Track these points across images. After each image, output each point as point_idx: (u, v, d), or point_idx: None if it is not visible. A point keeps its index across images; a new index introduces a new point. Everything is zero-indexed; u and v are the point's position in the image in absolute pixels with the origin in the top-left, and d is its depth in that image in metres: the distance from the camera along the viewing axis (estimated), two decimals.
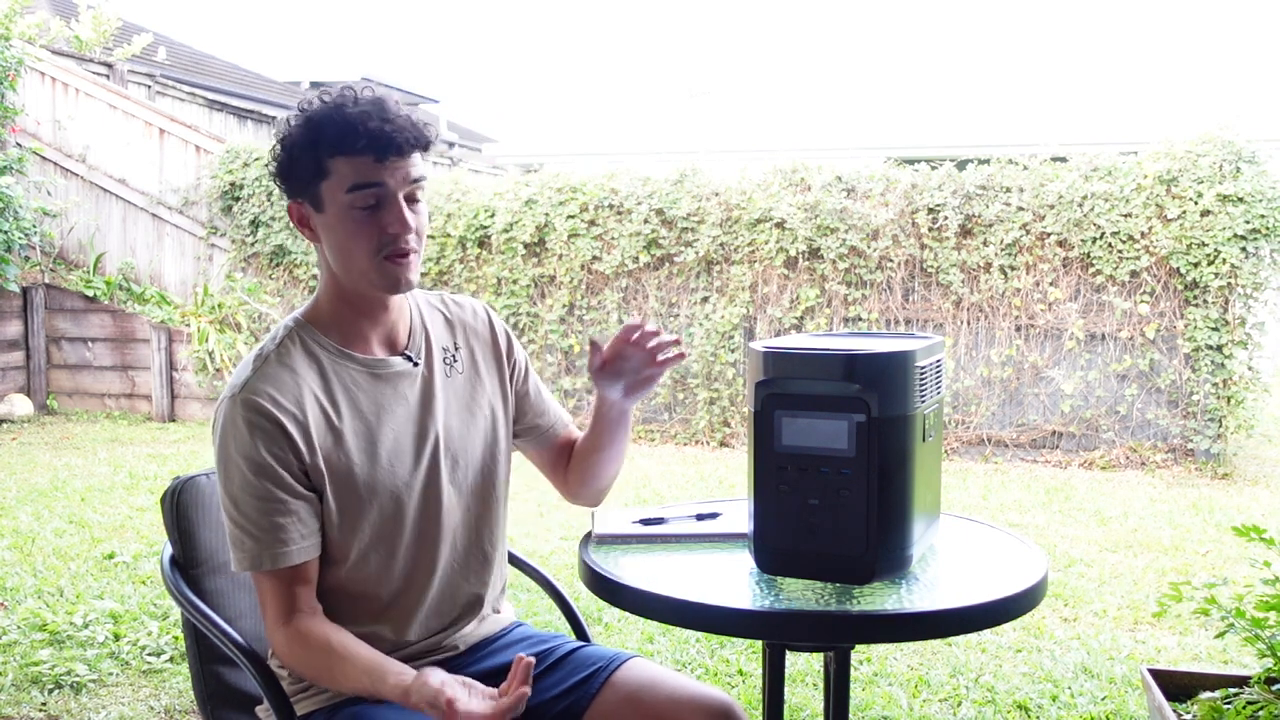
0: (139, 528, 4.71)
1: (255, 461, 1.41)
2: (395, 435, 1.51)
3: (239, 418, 1.42)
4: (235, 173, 8.28)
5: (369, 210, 1.42)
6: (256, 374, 1.44)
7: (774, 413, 1.42)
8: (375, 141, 1.39)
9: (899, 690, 2.98)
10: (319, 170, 1.42)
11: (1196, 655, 3.28)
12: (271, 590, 1.43)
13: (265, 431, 1.41)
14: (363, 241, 1.43)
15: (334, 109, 1.42)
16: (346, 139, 1.40)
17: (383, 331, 1.54)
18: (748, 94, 16.29)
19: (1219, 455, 6.27)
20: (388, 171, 1.41)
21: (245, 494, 1.41)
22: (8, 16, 8.05)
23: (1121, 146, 7.15)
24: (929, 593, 1.41)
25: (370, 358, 1.52)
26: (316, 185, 1.43)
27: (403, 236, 1.43)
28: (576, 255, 7.39)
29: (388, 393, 1.52)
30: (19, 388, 8.12)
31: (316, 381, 1.47)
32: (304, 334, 1.50)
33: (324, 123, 1.41)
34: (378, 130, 1.39)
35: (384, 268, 1.44)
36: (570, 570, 4.02)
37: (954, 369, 6.77)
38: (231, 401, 1.43)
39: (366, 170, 1.40)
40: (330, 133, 1.40)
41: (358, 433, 1.48)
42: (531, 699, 1.56)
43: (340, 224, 1.43)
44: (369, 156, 1.40)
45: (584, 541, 1.68)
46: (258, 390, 1.42)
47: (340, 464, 1.46)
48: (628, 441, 1.70)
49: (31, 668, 3.06)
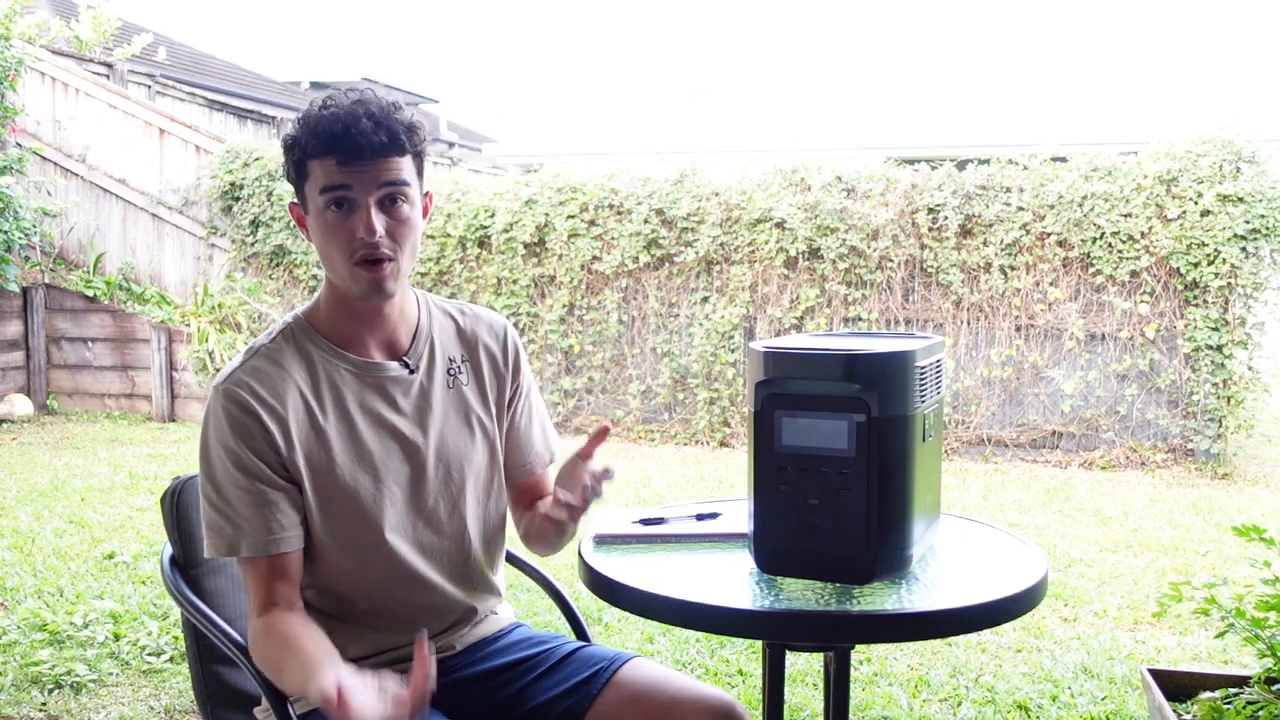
0: (139, 528, 4.71)
1: (232, 451, 1.42)
2: (380, 440, 1.50)
3: (220, 407, 1.44)
4: (235, 173, 8.28)
5: (340, 214, 1.42)
6: (243, 366, 1.46)
7: (774, 413, 1.42)
8: (339, 144, 1.39)
9: (899, 690, 2.98)
10: (301, 171, 1.44)
11: (1196, 655, 3.28)
12: (251, 581, 1.44)
13: (242, 423, 1.42)
14: (336, 246, 1.43)
15: (317, 111, 1.42)
16: (316, 140, 1.41)
17: (381, 335, 1.53)
18: (748, 94, 16.29)
19: (1219, 455, 6.27)
20: (353, 175, 1.40)
21: (224, 480, 1.42)
22: (8, 16, 8.05)
23: (1121, 146, 7.15)
24: (929, 593, 1.41)
25: (363, 360, 1.52)
26: (302, 187, 1.45)
27: (370, 242, 1.41)
28: (576, 255, 7.39)
29: (376, 397, 1.51)
30: (19, 388, 8.12)
31: (304, 379, 1.48)
32: (300, 332, 1.51)
33: (305, 124, 1.42)
34: (341, 133, 1.39)
35: (356, 273, 1.43)
36: (570, 570, 4.02)
37: (954, 369, 6.77)
38: (216, 391, 1.45)
39: (333, 173, 1.41)
40: (305, 134, 1.42)
41: (341, 433, 1.48)
42: (532, 699, 1.56)
43: (317, 226, 1.44)
44: (333, 159, 1.40)
45: (584, 541, 1.68)
46: (240, 382, 1.44)
47: (321, 461, 1.46)
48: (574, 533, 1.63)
49: (31, 668, 3.06)
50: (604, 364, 7.47)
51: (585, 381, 7.52)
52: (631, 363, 7.43)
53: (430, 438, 1.54)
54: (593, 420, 7.45)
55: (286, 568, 1.44)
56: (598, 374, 7.49)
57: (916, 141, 12.65)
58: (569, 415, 7.52)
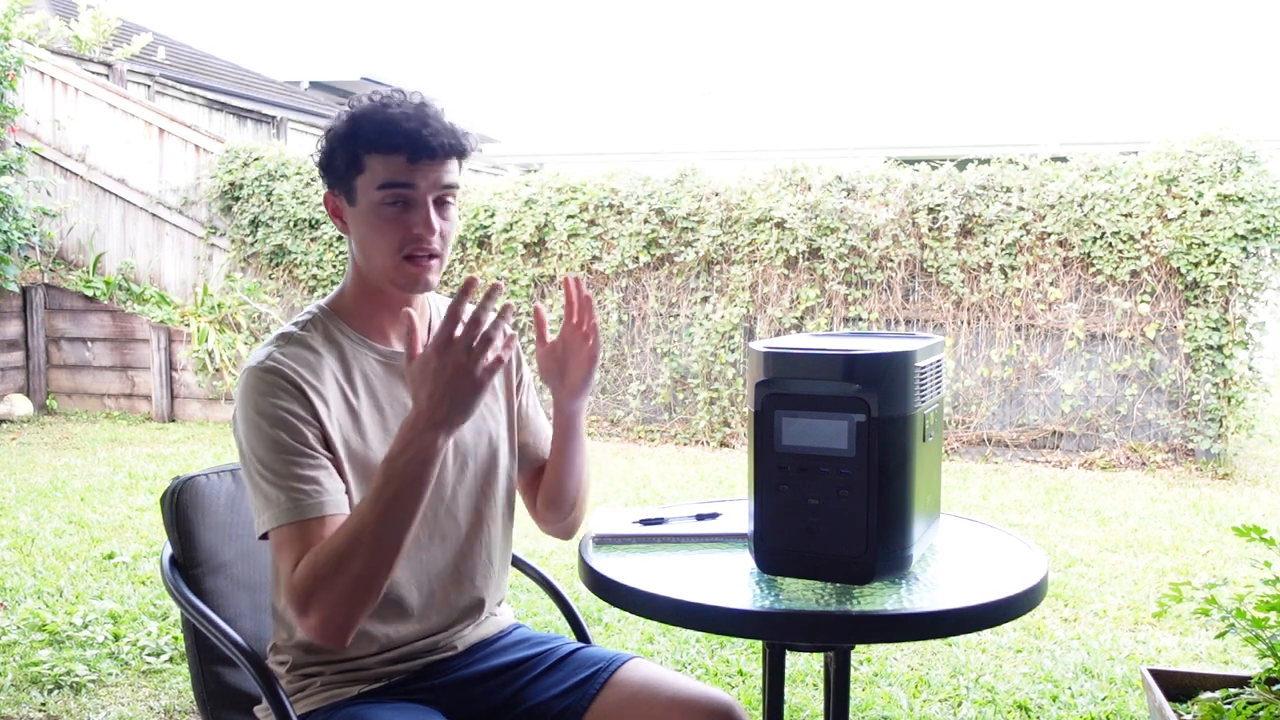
0: (139, 528, 4.71)
1: (276, 417, 1.38)
2: None
3: (260, 380, 1.40)
4: (235, 173, 8.28)
5: (397, 209, 1.44)
6: (279, 348, 1.45)
7: (774, 413, 1.42)
8: (410, 143, 1.42)
9: (899, 690, 2.97)
10: (355, 164, 1.45)
11: (1197, 655, 3.28)
12: (293, 543, 1.34)
13: (286, 391, 1.40)
14: (387, 239, 1.45)
15: (377, 107, 1.45)
16: (383, 137, 1.42)
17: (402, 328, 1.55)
18: (748, 94, 16.29)
19: (1219, 455, 6.27)
20: (419, 173, 1.43)
21: (268, 450, 1.37)
22: (7, 16, 8.05)
23: (1121, 146, 7.15)
24: (929, 593, 1.40)
25: (389, 349, 1.54)
26: (351, 179, 1.46)
27: (426, 239, 1.45)
28: (576, 255, 7.39)
29: (402, 386, 1.53)
30: (19, 388, 8.12)
31: (337, 365, 1.49)
32: (327, 320, 1.52)
33: (365, 119, 1.44)
34: (414, 132, 1.42)
35: (404, 267, 1.46)
36: (570, 570, 4.02)
37: (954, 369, 6.77)
38: (252, 371, 1.42)
39: (398, 170, 1.43)
40: (369, 129, 1.43)
41: (373, 420, 1.49)
42: (532, 699, 1.57)
43: (368, 219, 1.45)
44: (402, 156, 1.42)
45: (584, 542, 1.68)
46: (279, 360, 1.43)
47: (356, 444, 1.46)
48: (583, 457, 1.67)
49: (31, 668, 3.06)
50: (604, 364, 7.47)
51: None
52: (631, 363, 7.43)
53: None
54: (593, 420, 7.45)
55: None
56: (598, 374, 7.48)
57: (916, 141, 12.65)
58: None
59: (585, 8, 22.61)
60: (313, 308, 1.54)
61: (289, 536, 1.35)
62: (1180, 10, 16.74)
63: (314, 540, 1.34)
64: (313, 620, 1.31)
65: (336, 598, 1.30)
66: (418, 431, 1.29)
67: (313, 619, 1.31)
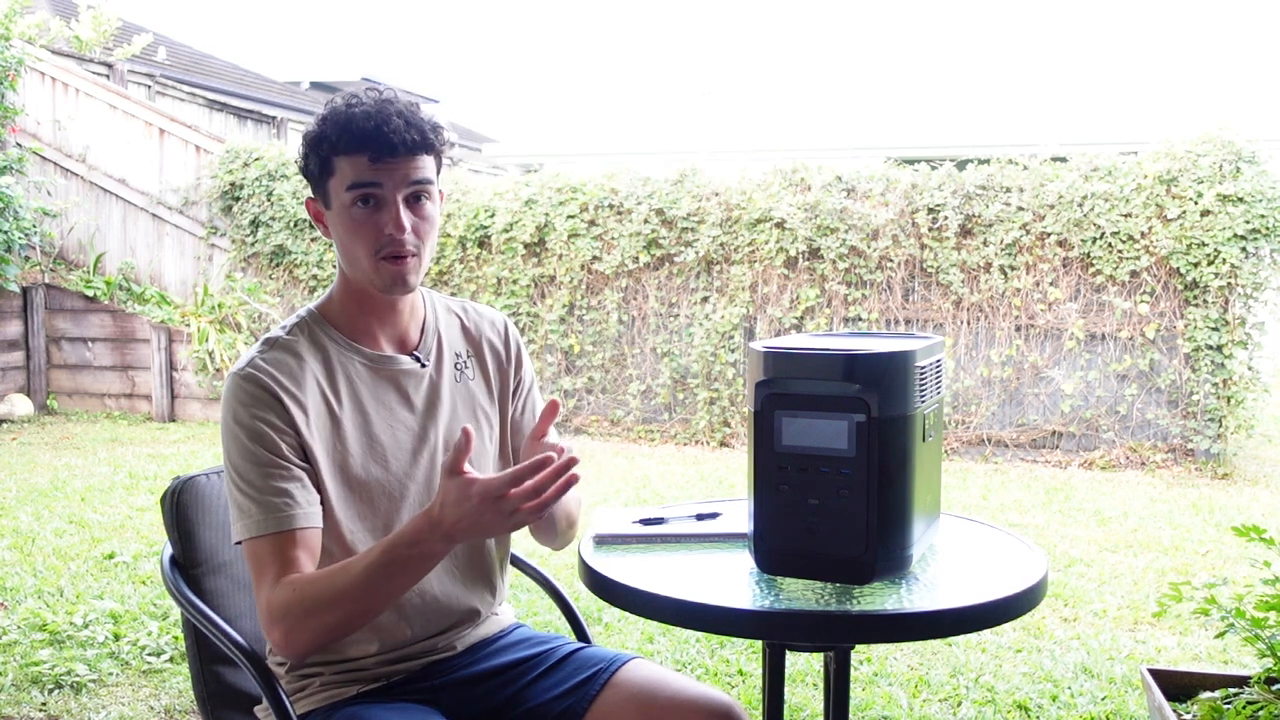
0: (139, 528, 4.72)
1: (253, 429, 1.41)
2: (393, 432, 1.52)
3: (239, 388, 1.44)
4: (235, 173, 8.28)
5: (368, 210, 1.44)
6: (261, 354, 1.47)
7: (774, 413, 1.42)
8: (370, 142, 1.41)
9: (899, 690, 2.98)
10: (326, 168, 1.45)
11: (1196, 655, 3.28)
12: (270, 553, 1.38)
13: (263, 402, 1.42)
14: (362, 241, 1.45)
15: (342, 109, 1.44)
16: (344, 137, 1.42)
17: (393, 330, 1.56)
18: (748, 94, 16.28)
19: (1219, 455, 6.27)
20: (384, 172, 1.43)
21: (245, 461, 1.41)
22: (8, 16, 8.05)
23: (1121, 146, 7.15)
24: (929, 593, 1.40)
25: (376, 353, 1.54)
26: (325, 183, 1.47)
27: (398, 238, 1.44)
28: (576, 255, 7.39)
29: (390, 389, 1.53)
30: (19, 388, 8.12)
31: (320, 370, 1.49)
32: (315, 324, 1.53)
33: (330, 121, 1.44)
34: (374, 130, 1.41)
35: (382, 268, 1.46)
36: (570, 570, 4.02)
37: (954, 369, 6.77)
38: (233, 377, 1.45)
39: (362, 170, 1.43)
40: (332, 131, 1.43)
41: (356, 424, 1.50)
42: (532, 699, 1.56)
43: (342, 222, 1.46)
44: (364, 156, 1.42)
45: (583, 541, 1.68)
46: (259, 367, 1.45)
47: (336, 451, 1.47)
48: (561, 519, 1.61)
49: (31, 668, 3.06)
50: (604, 364, 7.47)
51: (585, 381, 7.52)
52: (631, 363, 7.43)
53: (440, 431, 1.55)
54: (593, 420, 7.46)
55: (309, 542, 1.41)
56: (598, 374, 7.49)
57: (916, 141, 12.64)
58: (569, 415, 7.52)
59: (585, 8, 22.61)
60: (302, 311, 1.55)
61: (260, 549, 1.39)
62: (1180, 10, 16.74)
63: (285, 553, 1.38)
64: (276, 636, 1.37)
65: (308, 635, 1.36)
66: (432, 538, 1.31)
67: (277, 636, 1.37)
